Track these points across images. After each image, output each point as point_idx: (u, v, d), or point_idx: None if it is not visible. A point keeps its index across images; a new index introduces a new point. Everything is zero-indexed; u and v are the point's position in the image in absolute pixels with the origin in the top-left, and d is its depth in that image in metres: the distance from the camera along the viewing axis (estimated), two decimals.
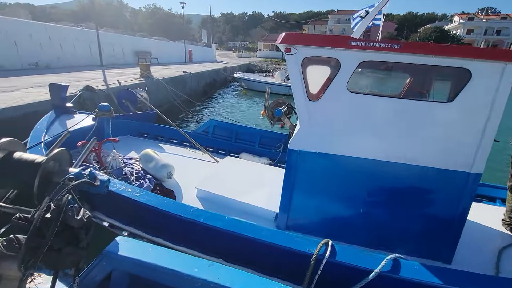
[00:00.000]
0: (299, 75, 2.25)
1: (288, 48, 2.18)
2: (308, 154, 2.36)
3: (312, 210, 2.58)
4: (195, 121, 10.34)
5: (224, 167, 3.71)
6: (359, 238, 2.50)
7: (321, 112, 2.28)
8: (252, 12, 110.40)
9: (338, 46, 2.11)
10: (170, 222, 2.23)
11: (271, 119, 4.12)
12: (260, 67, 36.60)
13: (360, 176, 2.36)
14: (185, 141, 4.72)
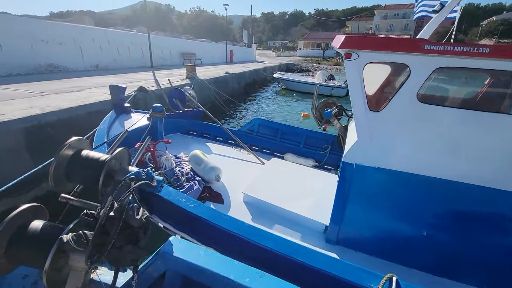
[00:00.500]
0: (360, 83, 2.07)
1: (348, 53, 2.02)
2: (366, 169, 2.19)
3: (366, 226, 2.40)
4: (235, 120, 10.52)
5: (270, 170, 3.65)
6: (418, 261, 2.27)
7: (384, 124, 2.08)
8: (293, 10, 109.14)
9: (409, 51, 1.89)
10: (222, 235, 2.19)
11: (319, 120, 3.97)
12: (300, 66, 35.97)
13: (427, 196, 2.12)
14: (230, 139, 4.78)
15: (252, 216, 2.83)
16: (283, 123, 4.94)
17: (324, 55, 48.46)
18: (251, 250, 2.09)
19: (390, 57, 1.98)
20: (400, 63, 1.96)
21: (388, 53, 1.96)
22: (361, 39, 2.04)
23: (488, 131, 1.88)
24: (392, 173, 2.13)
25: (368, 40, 2.03)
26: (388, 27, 55.49)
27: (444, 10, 2.31)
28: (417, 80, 1.92)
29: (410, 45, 1.88)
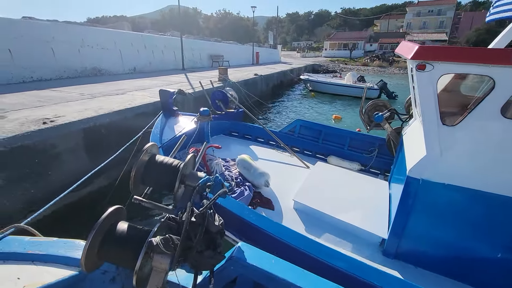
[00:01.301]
0: (433, 96, 1.97)
1: (422, 64, 1.92)
2: (434, 185, 2.08)
3: (429, 242, 2.29)
4: (266, 121, 10.53)
5: (318, 174, 3.60)
6: (487, 283, 2.14)
7: (460, 140, 1.97)
8: (318, 10, 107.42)
9: (496, 63, 1.75)
10: (283, 248, 2.18)
11: (367, 124, 3.83)
12: (326, 67, 35.31)
13: (504, 217, 1.98)
14: (271, 140, 4.79)
15: (304, 225, 2.80)
16: (326, 125, 4.85)
17: (351, 55, 47.08)
18: (314, 264, 2.05)
19: (471, 69, 1.85)
20: (484, 75, 1.83)
21: (469, 65, 1.84)
22: (438, 49, 1.93)
23: None
24: (463, 190, 2.01)
25: (445, 50, 1.92)
26: (422, 25, 52.71)
27: None
28: (503, 94, 1.78)
29: (498, 56, 1.74)
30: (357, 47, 49.70)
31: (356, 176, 3.73)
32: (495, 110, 1.82)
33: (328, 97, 15.89)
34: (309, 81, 17.65)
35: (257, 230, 2.27)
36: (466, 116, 1.91)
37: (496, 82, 1.78)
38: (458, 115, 1.99)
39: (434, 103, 1.98)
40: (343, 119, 11.11)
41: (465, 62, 1.83)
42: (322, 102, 14.86)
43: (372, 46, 48.73)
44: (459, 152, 1.98)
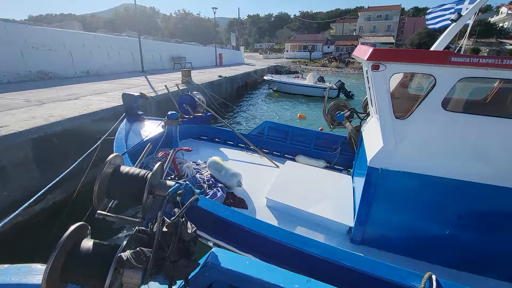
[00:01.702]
0: (386, 92, 2.17)
1: (376, 65, 2.11)
2: (392, 173, 2.29)
3: (390, 226, 2.51)
4: (234, 123, 10.52)
5: (287, 173, 3.75)
6: (442, 258, 2.40)
7: (410, 131, 2.19)
8: (278, 12, 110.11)
9: (436, 63, 2.00)
10: (260, 241, 2.26)
11: (330, 123, 4.06)
12: (288, 68, 36.35)
13: (453, 198, 2.24)
14: (240, 142, 4.86)
15: (278, 220, 2.90)
16: (292, 125, 5.05)
17: (311, 57, 49.12)
18: (293, 255, 2.15)
19: (417, 68, 2.09)
20: (427, 74, 2.07)
21: (415, 65, 2.07)
22: (389, 52, 2.14)
23: (507, 134, 2.01)
24: (418, 176, 2.24)
25: (396, 52, 2.13)
26: (372, 29, 56.95)
27: (461, 19, 2.42)
28: (442, 90, 2.03)
29: (437, 57, 1.98)
30: (316, 49, 51.99)
31: (322, 173, 3.96)
32: (437, 104, 2.07)
33: (291, 97, 16.39)
34: (272, 82, 18.02)
35: (233, 227, 2.30)
36: (414, 111, 2.14)
37: (436, 79, 2.03)
38: (408, 109, 2.22)
39: (388, 99, 2.18)
40: (307, 117, 11.56)
41: (411, 62, 2.06)
42: (286, 102, 15.28)
43: (330, 48, 51.38)
44: (411, 142, 2.20)
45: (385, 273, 1.86)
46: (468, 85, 3.23)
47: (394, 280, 1.81)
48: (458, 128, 2.09)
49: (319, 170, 4.06)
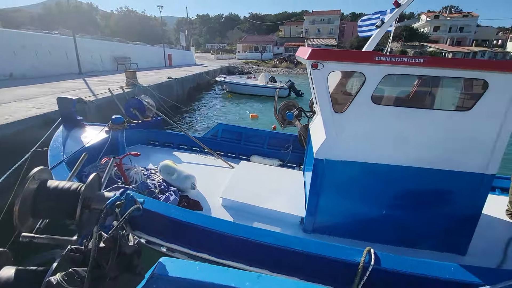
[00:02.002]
0: (325, 89, 2.35)
1: (315, 63, 2.27)
2: (335, 163, 2.48)
3: (338, 214, 2.72)
4: (187, 126, 10.20)
5: (242, 172, 3.80)
6: (382, 236, 2.68)
7: (347, 123, 2.39)
8: (228, 13, 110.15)
9: (364, 61, 2.23)
10: (215, 239, 2.27)
11: (281, 122, 4.23)
12: (241, 69, 36.62)
13: (384, 181, 2.50)
14: (194, 146, 4.77)
15: (234, 218, 2.94)
16: (246, 127, 5.13)
17: (262, 58, 50.27)
18: (247, 247, 2.20)
19: (349, 66, 2.32)
20: (358, 71, 2.30)
21: (347, 63, 2.29)
22: (325, 52, 2.31)
23: (424, 124, 2.33)
24: (356, 164, 2.48)
25: (331, 52, 2.32)
26: (317, 32, 60.63)
27: (384, 26, 2.78)
28: (371, 86, 2.28)
29: (365, 56, 2.24)
30: (267, 50, 53.40)
31: (276, 170, 4.13)
32: (367, 98, 2.31)
33: (244, 97, 16.56)
34: (225, 83, 17.99)
35: (187, 227, 2.29)
36: (349, 105, 2.36)
37: (366, 76, 2.27)
38: (345, 104, 2.44)
39: (327, 95, 2.37)
40: (260, 117, 11.80)
41: (345, 61, 2.28)
42: (239, 102, 15.39)
43: (279, 49, 53.25)
44: (348, 133, 2.42)
45: (331, 252, 2.05)
46: (396, 88, 3.69)
47: (339, 257, 2.01)
48: (385, 119, 2.36)
49: (272, 168, 4.20)
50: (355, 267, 1.94)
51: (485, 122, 2.22)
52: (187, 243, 2.45)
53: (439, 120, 2.31)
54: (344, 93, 3.20)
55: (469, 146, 2.30)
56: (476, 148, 2.29)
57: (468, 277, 1.85)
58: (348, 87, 3.59)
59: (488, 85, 2.13)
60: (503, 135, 2.21)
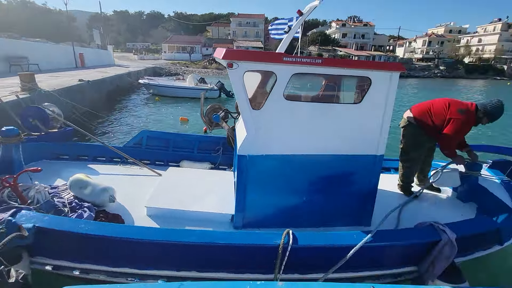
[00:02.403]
0: (242, 87, 2.44)
1: (230, 63, 2.34)
2: (256, 158, 2.61)
3: (265, 206, 2.85)
4: (107, 136, 9.18)
5: (169, 179, 3.65)
6: (305, 222, 2.94)
7: (264, 119, 2.54)
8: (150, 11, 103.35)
9: (274, 61, 2.41)
10: (134, 249, 2.14)
11: (209, 125, 4.22)
12: (168, 70, 34.92)
13: (301, 170, 2.75)
14: (115, 157, 4.33)
15: (160, 226, 2.79)
16: (174, 132, 4.92)
17: (191, 59, 48.96)
18: (170, 251, 2.16)
19: (262, 66, 2.47)
20: (270, 71, 2.48)
21: (260, 63, 2.43)
22: (239, 52, 2.41)
23: (326, 116, 2.66)
24: (275, 157, 2.66)
25: (244, 53, 2.42)
26: (244, 34, 62.36)
27: (290, 32, 3.04)
28: (282, 84, 2.48)
29: (274, 57, 2.41)
30: (195, 50, 52.27)
31: (206, 173, 4.09)
32: (280, 95, 2.51)
33: (172, 100, 15.85)
34: (150, 85, 16.88)
35: (102, 241, 2.12)
36: (265, 102, 2.52)
37: (277, 75, 2.46)
38: (262, 101, 2.60)
39: (244, 93, 2.47)
40: (190, 120, 11.52)
41: (258, 61, 2.42)
42: (167, 105, 14.67)
43: (208, 50, 52.72)
44: (265, 128, 2.58)
45: (253, 240, 2.18)
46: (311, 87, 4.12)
47: (262, 243, 2.15)
48: (297, 114, 2.60)
49: (203, 172, 4.15)
50: (276, 249, 2.10)
51: (372, 112, 2.67)
52: (103, 260, 2.24)
53: (340, 112, 2.67)
54: (263, 91, 3.42)
55: (363, 132, 2.72)
56: (368, 134, 2.73)
57: (362, 239, 2.25)
58: (268, 86, 3.86)
59: (371, 82, 2.56)
60: (386, 121, 2.69)
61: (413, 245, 2.38)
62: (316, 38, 60.31)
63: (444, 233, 2.28)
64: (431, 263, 2.29)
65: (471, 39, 70.43)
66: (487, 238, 2.71)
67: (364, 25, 71.69)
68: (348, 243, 2.25)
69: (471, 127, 3.36)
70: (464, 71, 57.81)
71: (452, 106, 3.30)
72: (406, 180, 3.80)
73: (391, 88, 2.61)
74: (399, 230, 2.59)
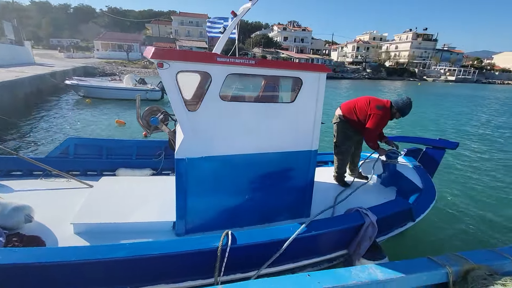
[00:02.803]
0: (176, 88, 2.33)
1: (160, 63, 2.23)
2: (196, 160, 2.54)
3: (208, 209, 2.78)
4: (27, 146, 7.88)
5: (102, 190, 3.31)
6: (249, 220, 2.97)
7: (201, 120, 2.48)
8: (78, 4, 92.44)
9: (208, 62, 2.35)
10: (54, 272, 1.89)
11: (147, 128, 3.93)
12: (103, 70, 31.81)
13: (241, 169, 2.77)
14: (35, 170, 3.75)
15: (91, 244, 2.49)
16: (107, 138, 4.44)
17: (129, 57, 45.37)
18: (98, 270, 1.96)
19: (196, 66, 2.38)
20: (204, 71, 2.41)
21: (193, 64, 2.35)
22: (170, 52, 2.28)
23: (263, 115, 2.72)
24: (215, 158, 2.62)
25: (175, 52, 2.30)
26: (187, 33, 60.41)
27: (226, 32, 3.02)
28: (217, 84, 2.44)
29: (208, 57, 2.35)
30: (133, 49, 48.62)
31: (146, 180, 3.82)
32: (216, 95, 2.47)
33: (108, 102, 14.46)
34: (80, 86, 15.11)
35: (12, 271, 1.82)
36: (200, 103, 2.47)
37: (212, 76, 2.42)
38: (198, 103, 2.54)
39: (178, 94, 2.36)
40: (128, 123, 10.68)
41: (191, 61, 2.33)
42: (101, 108, 13.32)
43: None
44: (203, 129, 2.52)
45: (192, 245, 2.10)
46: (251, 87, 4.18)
47: (200, 247, 2.09)
48: (235, 114, 2.61)
49: (142, 179, 3.88)
50: (215, 252, 2.06)
51: (304, 109, 2.83)
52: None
53: (277, 111, 2.77)
54: (201, 92, 3.36)
55: (298, 130, 2.87)
56: (302, 130, 2.89)
57: (297, 230, 2.37)
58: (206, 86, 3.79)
59: (302, 82, 2.72)
60: (317, 118, 2.89)
61: (342, 230, 2.59)
62: (259, 40, 61.96)
63: (367, 217, 2.57)
64: (358, 244, 2.56)
65: (390, 46, 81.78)
66: (402, 216, 3.11)
67: (303, 30, 76.48)
68: (285, 236, 2.33)
69: (387, 121, 3.86)
70: (385, 74, 66.51)
71: (372, 103, 3.76)
72: (339, 171, 4.17)
73: (320, 88, 2.81)
74: (330, 218, 2.79)
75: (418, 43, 76.29)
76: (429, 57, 76.15)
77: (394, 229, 3.04)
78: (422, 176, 3.99)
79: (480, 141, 11.19)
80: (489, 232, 4.67)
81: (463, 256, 2.13)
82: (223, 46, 3.34)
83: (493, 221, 5.02)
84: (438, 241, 4.37)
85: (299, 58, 56.78)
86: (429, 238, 4.38)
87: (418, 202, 3.34)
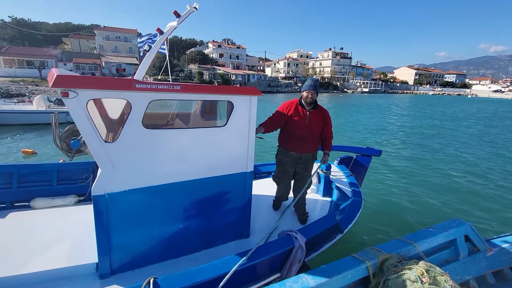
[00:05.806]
0: (87, 119, 2.03)
1: (65, 92, 1.90)
2: (118, 194, 2.27)
3: (137, 244, 2.51)
4: None
5: (8, 231, 2.82)
6: (188, 248, 2.77)
7: (121, 151, 2.23)
8: None
9: (125, 89, 2.12)
10: None
11: (67, 152, 3.34)
12: (6, 90, 26.85)
13: (172, 198, 2.57)
14: None
15: None
16: (19, 164, 3.63)
17: (42, 75, 39.53)
18: None
19: (111, 94, 2.10)
20: (122, 99, 2.16)
21: (107, 91, 2.08)
22: (78, 79, 1.97)
23: (195, 141, 2.59)
24: (142, 190, 2.37)
25: (86, 79, 1.99)
26: (114, 49, 56.09)
27: (151, 51, 2.66)
28: (138, 112, 2.22)
29: (126, 84, 2.11)
30: (47, 65, 42.62)
31: (64, 211, 3.34)
32: (138, 124, 2.25)
33: (13, 129, 12.15)
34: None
35: None
36: (120, 133, 2.20)
37: (131, 104, 2.19)
38: (118, 132, 2.26)
39: (91, 125, 2.06)
40: (40, 151, 9.10)
41: (104, 89, 2.06)
42: (4, 137, 11.06)
43: (67, 66, 44.07)
44: (126, 161, 2.27)
45: None
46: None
47: None
48: (160, 142, 2.40)
49: (64, 210, 3.37)
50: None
51: (237, 132, 2.79)
52: None
53: (208, 136, 2.66)
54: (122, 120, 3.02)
55: (231, 153, 2.81)
56: (237, 153, 2.84)
57: (233, 265, 2.13)
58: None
59: (234, 106, 2.69)
60: (251, 140, 2.88)
61: (275, 256, 2.48)
62: (195, 56, 61.57)
63: (297, 240, 2.54)
64: (289, 267, 2.51)
65: (315, 62, 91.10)
66: (330, 231, 3.15)
67: (237, 47, 79.28)
68: (219, 273, 2.11)
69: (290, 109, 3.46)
70: None
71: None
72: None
73: (252, 110, 2.82)
74: (263, 246, 2.59)
75: (337, 60, 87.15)
76: (347, 72, 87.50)
77: (325, 244, 3.09)
78: (352, 185, 4.29)
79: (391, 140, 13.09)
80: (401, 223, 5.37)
81: (379, 248, 2.35)
82: (150, 64, 3.10)
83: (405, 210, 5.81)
84: (361, 238, 4.76)
85: (235, 73, 58.28)
86: (355, 238, 4.72)
87: (347, 213, 3.52)
